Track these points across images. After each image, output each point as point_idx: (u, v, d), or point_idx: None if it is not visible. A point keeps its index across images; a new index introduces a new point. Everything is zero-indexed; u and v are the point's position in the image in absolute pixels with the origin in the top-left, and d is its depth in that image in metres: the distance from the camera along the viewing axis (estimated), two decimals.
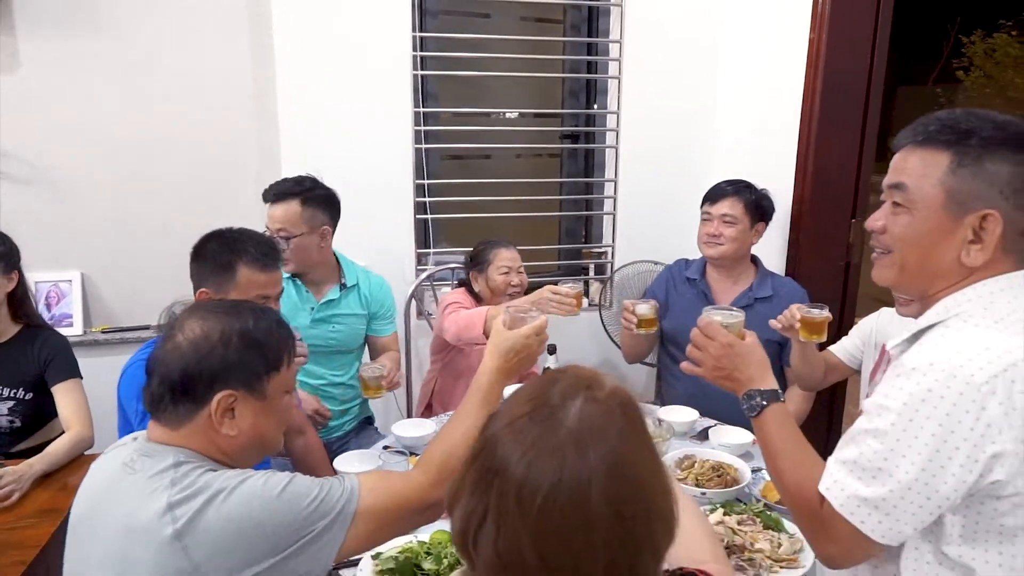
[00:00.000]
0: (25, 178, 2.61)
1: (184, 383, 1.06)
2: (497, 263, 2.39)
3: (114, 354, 2.67)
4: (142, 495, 1.03)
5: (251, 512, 1.00)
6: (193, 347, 1.07)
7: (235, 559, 0.99)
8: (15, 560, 1.44)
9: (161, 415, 1.09)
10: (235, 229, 1.75)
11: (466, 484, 0.74)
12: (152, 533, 0.99)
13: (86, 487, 1.15)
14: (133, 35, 2.60)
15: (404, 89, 2.70)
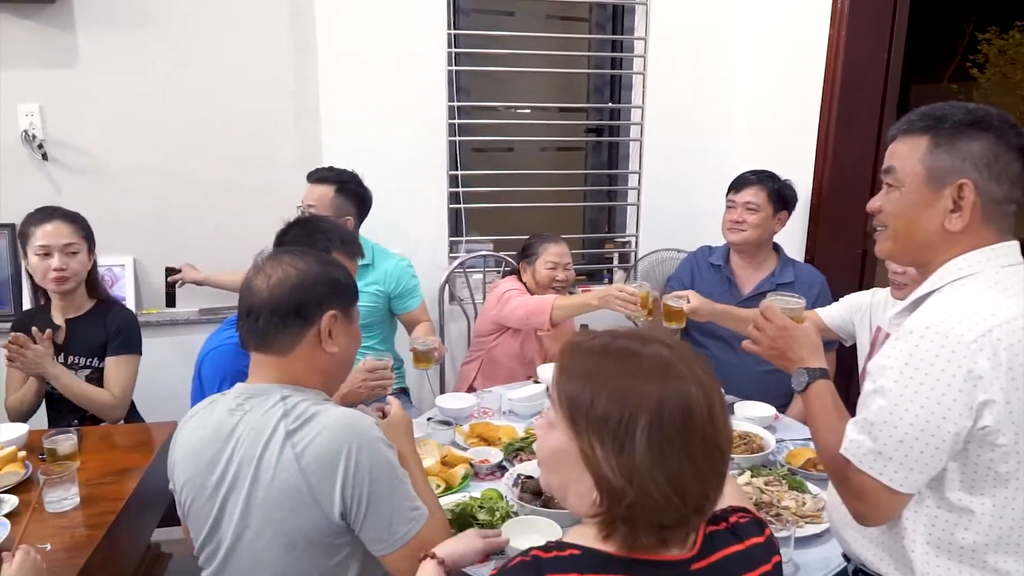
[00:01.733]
0: (82, 168, 2.76)
1: (297, 307, 1.22)
2: (545, 257, 2.51)
3: (163, 335, 2.82)
4: (261, 429, 1.17)
5: (350, 443, 1.16)
6: (300, 277, 1.23)
7: (334, 486, 1.13)
8: (104, 511, 1.58)
9: (271, 345, 1.23)
10: (315, 217, 1.88)
11: None
12: (277, 458, 1.14)
13: (189, 444, 1.26)
14: (181, 32, 2.73)
15: (439, 84, 2.83)
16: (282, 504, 1.15)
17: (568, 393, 0.86)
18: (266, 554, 1.18)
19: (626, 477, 0.80)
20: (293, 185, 2.89)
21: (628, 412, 0.81)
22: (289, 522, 1.16)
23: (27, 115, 2.67)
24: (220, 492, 1.21)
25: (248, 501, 1.18)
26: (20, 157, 2.71)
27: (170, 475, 1.33)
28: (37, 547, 1.42)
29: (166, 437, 1.96)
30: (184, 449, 1.28)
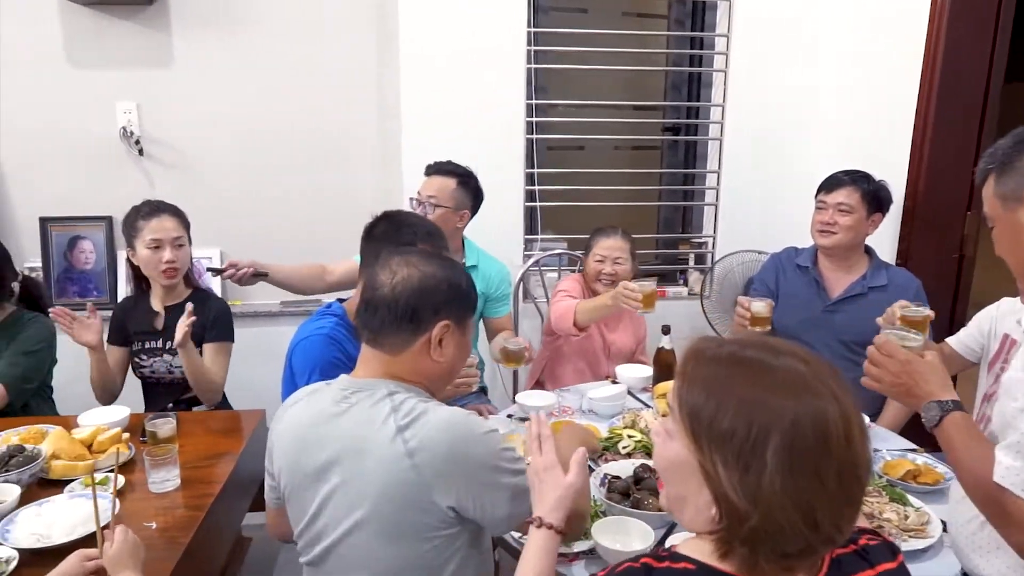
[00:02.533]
0: (174, 163, 2.87)
1: (413, 312, 1.22)
2: (595, 250, 2.48)
3: (246, 326, 2.90)
4: (369, 422, 1.18)
5: (465, 441, 1.16)
6: (422, 281, 1.23)
7: (449, 482, 1.14)
8: (203, 493, 1.64)
9: (384, 343, 1.24)
10: (401, 211, 1.90)
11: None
12: (387, 453, 1.14)
13: (291, 430, 1.28)
14: (270, 33, 2.82)
15: (518, 81, 2.83)
16: (391, 498, 1.15)
17: (690, 403, 0.81)
18: (370, 545, 1.18)
19: (750, 499, 0.75)
20: (373, 182, 2.95)
21: (757, 429, 0.76)
22: (397, 516, 1.16)
23: (125, 112, 2.80)
24: (322, 481, 1.22)
25: (353, 493, 1.18)
26: (118, 152, 2.83)
27: (268, 459, 1.36)
28: (144, 524, 1.49)
29: (255, 424, 2.03)
30: (285, 435, 1.29)
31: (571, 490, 1.12)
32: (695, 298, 3.08)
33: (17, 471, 1.58)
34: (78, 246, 2.89)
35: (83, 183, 2.85)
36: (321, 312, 1.83)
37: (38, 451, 1.66)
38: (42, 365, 2.14)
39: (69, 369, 2.31)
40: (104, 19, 2.73)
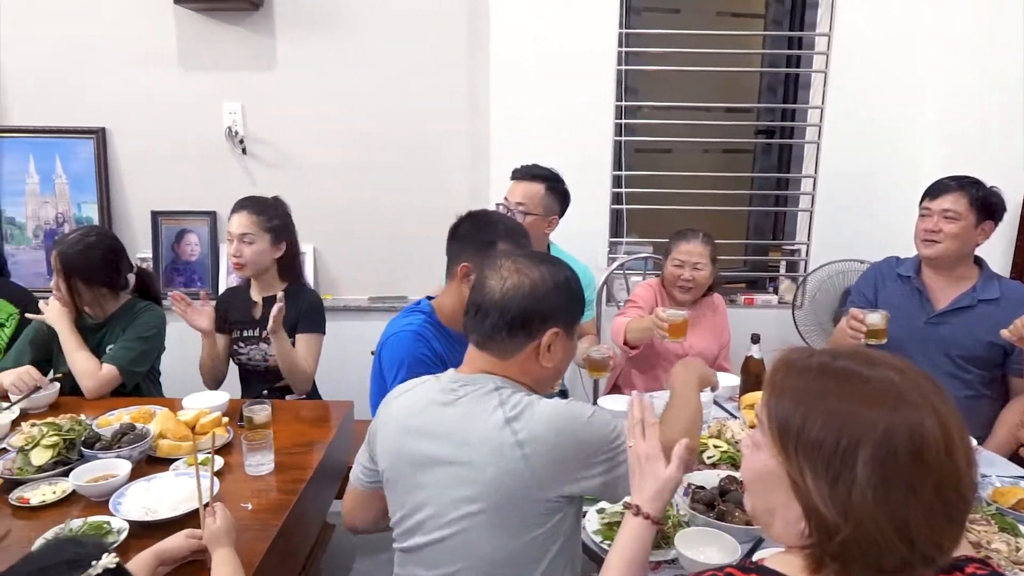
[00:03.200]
0: (273, 161, 3.00)
1: (525, 319, 1.23)
2: (674, 254, 2.40)
3: (335, 319, 2.98)
4: (477, 414, 1.20)
5: (569, 431, 1.18)
6: (532, 289, 1.24)
7: (558, 469, 1.16)
8: (295, 478, 1.70)
9: (493, 347, 1.26)
10: (488, 211, 1.92)
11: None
12: (495, 443, 1.17)
13: (398, 419, 1.30)
14: (365, 35, 2.90)
15: (608, 83, 2.82)
16: (501, 487, 1.17)
17: (779, 414, 0.79)
18: (477, 535, 1.19)
19: (840, 512, 0.73)
20: (461, 182, 3.00)
21: (847, 440, 0.74)
22: (507, 506, 1.18)
23: (231, 113, 2.95)
24: (428, 470, 1.23)
25: (461, 482, 1.19)
26: (223, 151, 2.99)
27: (368, 444, 1.39)
28: (240, 505, 1.56)
29: (343, 415, 2.10)
30: (391, 423, 1.32)
31: (671, 483, 1.11)
32: (786, 307, 2.98)
33: (128, 448, 1.69)
34: (185, 239, 3.07)
35: (190, 180, 3.02)
36: (409, 309, 1.87)
37: (147, 430, 1.77)
38: (153, 351, 2.28)
39: (176, 355, 2.46)
40: (214, 24, 2.88)
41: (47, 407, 2.06)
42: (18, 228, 3.03)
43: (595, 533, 1.49)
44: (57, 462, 1.66)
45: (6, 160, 2.99)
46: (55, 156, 2.99)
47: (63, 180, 3.01)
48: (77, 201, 3.02)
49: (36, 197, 3.02)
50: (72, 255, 2.13)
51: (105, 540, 1.38)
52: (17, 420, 1.93)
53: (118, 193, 3.04)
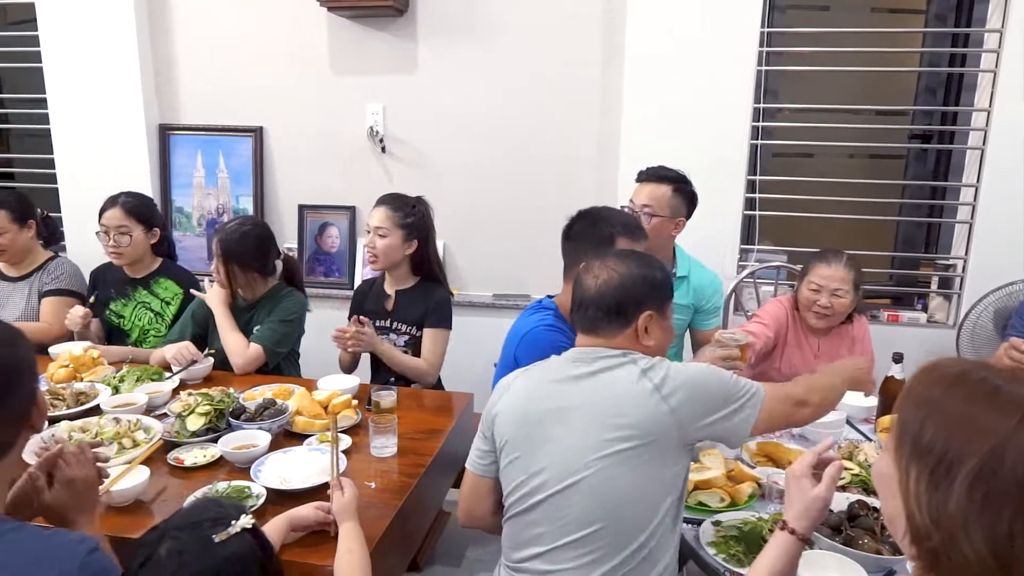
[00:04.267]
0: (411, 160, 3.14)
1: (618, 306, 1.39)
2: (810, 277, 2.21)
3: (460, 315, 3.07)
4: (613, 373, 1.34)
5: (698, 374, 1.35)
6: (621, 280, 1.40)
7: (694, 408, 1.31)
8: (416, 463, 1.78)
9: (599, 332, 1.41)
10: (598, 208, 1.93)
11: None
12: (635, 392, 1.31)
13: (521, 396, 1.42)
14: (502, 38, 2.97)
15: (747, 84, 2.72)
16: (643, 427, 1.28)
17: (903, 417, 0.79)
18: (611, 471, 1.29)
19: (933, 519, 0.71)
20: (588, 183, 3.00)
21: (954, 448, 0.71)
22: (646, 444, 1.29)
23: (373, 114, 3.11)
24: (558, 423, 1.34)
25: (599, 427, 1.30)
26: (364, 150, 3.16)
27: (486, 429, 1.46)
28: (364, 483, 1.65)
29: (463, 406, 2.16)
30: (516, 396, 1.42)
31: (818, 502, 1.13)
32: (935, 326, 2.75)
33: (269, 421, 1.83)
34: (326, 232, 3.27)
35: (334, 176, 3.22)
36: (535, 307, 1.90)
37: (285, 406, 1.91)
38: (294, 333, 2.45)
39: (314, 339, 2.63)
40: (362, 29, 3.06)
41: (202, 379, 2.27)
42: (185, 217, 3.36)
43: (709, 545, 1.45)
44: (208, 429, 1.82)
45: (178, 155, 3.32)
46: (219, 152, 3.29)
47: (224, 174, 3.30)
48: (235, 194, 3.30)
49: (201, 189, 3.34)
50: (230, 241, 2.33)
51: (245, 503, 1.50)
52: (177, 389, 2.14)
53: (270, 187, 3.29)
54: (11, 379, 1.03)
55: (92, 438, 1.74)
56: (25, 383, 1.05)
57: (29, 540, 0.97)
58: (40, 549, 0.96)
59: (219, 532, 0.99)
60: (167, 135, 3.30)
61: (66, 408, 1.96)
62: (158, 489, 1.62)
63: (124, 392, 2.09)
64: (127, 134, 3.24)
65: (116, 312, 2.62)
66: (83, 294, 2.69)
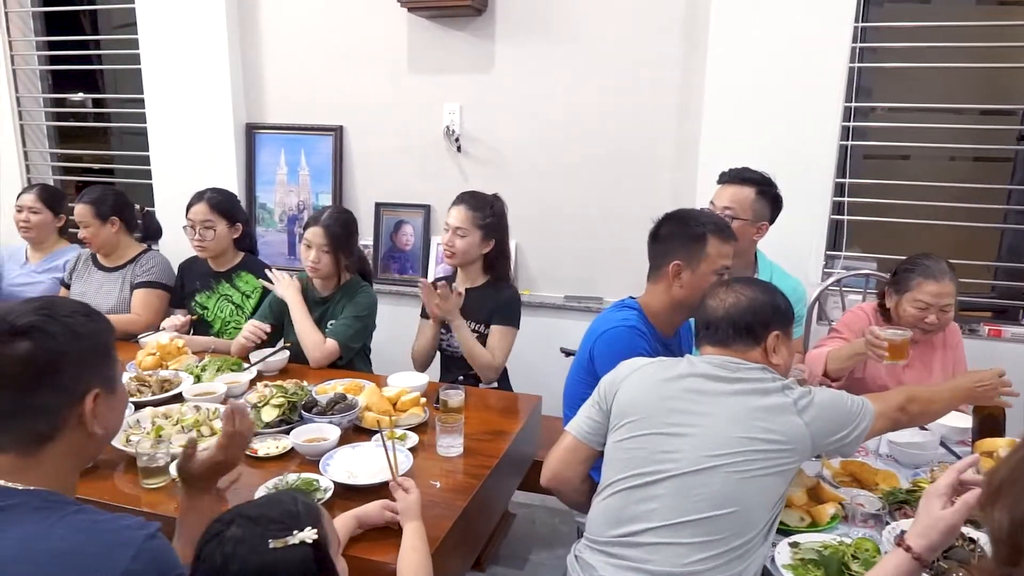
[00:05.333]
0: (486, 159, 3.14)
1: (747, 327, 1.48)
2: (915, 294, 2.05)
3: (532, 315, 3.06)
4: (756, 384, 1.41)
5: (827, 397, 1.45)
6: (750, 303, 1.49)
7: (824, 427, 1.40)
8: (481, 464, 1.77)
9: (730, 347, 1.49)
10: (686, 209, 1.88)
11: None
12: (777, 403, 1.39)
13: (651, 380, 1.48)
14: (581, 38, 2.92)
15: (837, 82, 2.58)
16: (785, 435, 1.36)
17: (1005, 516, 0.74)
18: (741, 468, 1.34)
19: None
20: (664, 186, 2.92)
21: None
22: (781, 453, 1.36)
23: (450, 113, 3.13)
24: (703, 418, 1.39)
25: (742, 428, 1.36)
26: (440, 148, 3.18)
27: (602, 402, 1.53)
28: (430, 482, 1.65)
29: (531, 408, 2.13)
30: (649, 377, 1.49)
31: (940, 523, 1.09)
32: None
33: (339, 416, 1.85)
34: (401, 229, 3.31)
35: (410, 174, 3.25)
36: (618, 305, 1.87)
37: (356, 402, 1.93)
38: (367, 329, 2.49)
39: (386, 335, 2.67)
40: (441, 29, 3.08)
41: (278, 371, 2.33)
42: (268, 213, 3.47)
43: (785, 568, 1.37)
44: (281, 420, 1.87)
45: (262, 153, 3.43)
46: (301, 150, 3.38)
47: (306, 172, 3.39)
48: (316, 191, 3.38)
49: (284, 186, 3.44)
50: (335, 227, 2.40)
51: (313, 496, 1.52)
52: (254, 380, 2.20)
53: (349, 185, 3.36)
54: (57, 367, 1.02)
55: (173, 424, 1.81)
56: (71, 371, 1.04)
57: (89, 523, 0.99)
58: (98, 532, 0.98)
59: (278, 537, 0.98)
60: (253, 134, 3.42)
61: (151, 394, 2.05)
62: (232, 477, 1.65)
63: (205, 381, 2.17)
64: (216, 133, 3.37)
65: (200, 304, 2.73)
66: (171, 286, 2.81)
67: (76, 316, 1.05)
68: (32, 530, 0.96)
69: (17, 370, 0.99)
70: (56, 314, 1.03)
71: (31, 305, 1.04)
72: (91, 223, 2.75)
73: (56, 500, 1.02)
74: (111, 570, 0.94)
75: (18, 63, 3.71)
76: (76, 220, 2.76)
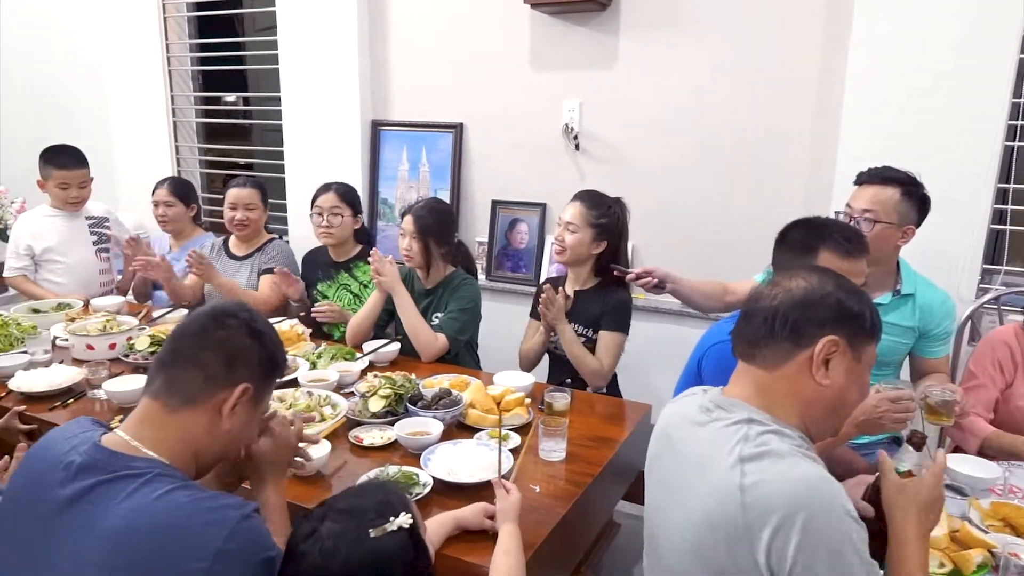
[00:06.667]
0: (605, 159, 3.06)
1: (793, 322, 1.10)
2: None
3: (647, 320, 2.96)
4: (716, 442, 1.11)
5: (811, 506, 0.98)
6: (807, 292, 1.12)
7: (775, 539, 0.98)
8: (584, 471, 1.70)
9: (757, 355, 1.15)
10: (822, 217, 1.74)
11: None
12: (720, 479, 1.05)
13: (661, 429, 1.30)
14: (709, 33, 2.77)
15: (1003, 76, 2.30)
16: (715, 527, 1.05)
17: None
18: (688, 565, 1.11)
19: None
20: (794, 188, 2.73)
21: None
22: (710, 549, 1.06)
23: (569, 111, 3.07)
24: (667, 489, 1.20)
25: (681, 510, 1.13)
26: (558, 147, 3.14)
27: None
28: (530, 486, 1.60)
29: (640, 417, 2.04)
30: (656, 430, 1.32)
31: None
32: None
33: (443, 411, 1.85)
34: (516, 227, 3.30)
35: (527, 172, 3.23)
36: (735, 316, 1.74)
37: (460, 398, 1.92)
38: (472, 322, 2.50)
39: (494, 332, 2.65)
40: (563, 25, 3.03)
41: (388, 363, 2.37)
42: (388, 208, 3.56)
43: None
44: (387, 411, 1.89)
45: (386, 149, 3.53)
46: (422, 147, 3.44)
47: (426, 168, 3.45)
48: (435, 187, 3.43)
49: (404, 182, 3.51)
50: (424, 216, 2.45)
51: (412, 490, 1.52)
52: (365, 370, 2.25)
53: (466, 181, 3.39)
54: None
55: (287, 408, 1.87)
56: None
57: (185, 500, 1.01)
58: (197, 509, 1.01)
59: (376, 526, 1.00)
60: (378, 130, 3.52)
61: None
62: (337, 464, 1.69)
63: (320, 368, 2.23)
64: (344, 129, 3.49)
65: (321, 292, 2.83)
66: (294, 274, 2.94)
67: (271, 327, 1.26)
68: (140, 502, 1.00)
69: (221, 333, 1.16)
70: (260, 317, 1.26)
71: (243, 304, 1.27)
72: (257, 205, 2.94)
73: (170, 473, 1.06)
74: (205, 547, 0.97)
75: (173, 64, 4.02)
76: (238, 202, 2.90)
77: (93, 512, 1.00)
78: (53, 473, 1.05)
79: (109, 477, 1.02)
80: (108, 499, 1.00)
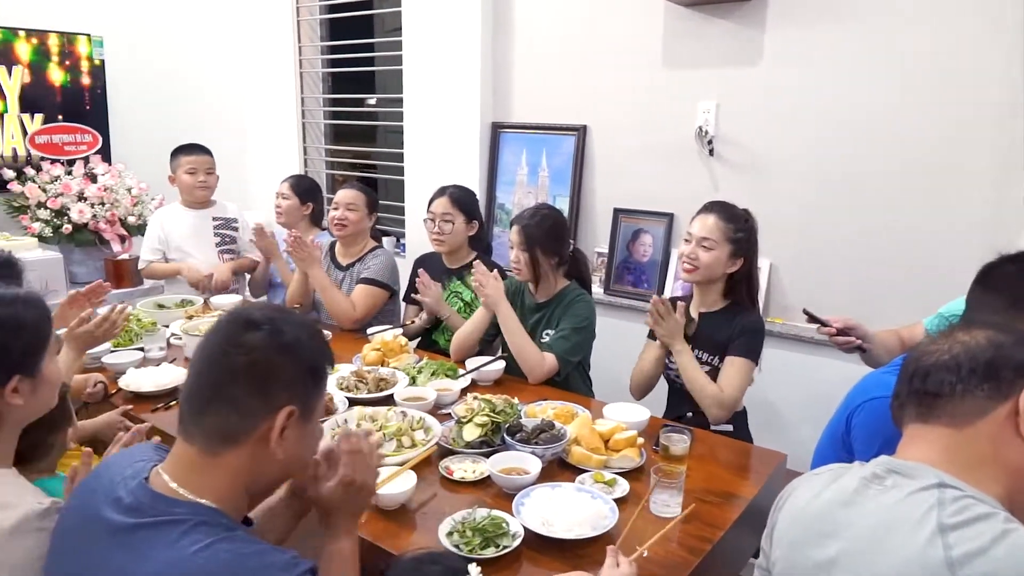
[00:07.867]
0: (743, 165, 2.74)
1: (990, 369, 0.91)
2: None
3: (783, 348, 2.62)
4: (900, 513, 0.90)
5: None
6: (994, 338, 0.93)
7: None
8: (704, 535, 1.44)
9: (937, 411, 0.95)
10: None
11: None
12: (913, 555, 0.85)
13: (800, 505, 1.05)
14: (877, 23, 2.41)
15: None
16: None
17: None
18: None
19: None
20: (979, 203, 2.31)
21: None
22: None
23: (704, 112, 2.79)
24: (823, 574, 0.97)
25: None
26: (690, 152, 2.85)
27: (766, 538, 1.13)
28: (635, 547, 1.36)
29: (772, 469, 1.75)
30: (789, 514, 1.08)
31: None
32: None
33: (543, 446, 1.65)
34: (639, 238, 3.05)
35: (654, 179, 2.97)
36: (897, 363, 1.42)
37: (564, 432, 1.71)
38: (586, 342, 2.29)
39: (609, 352, 2.42)
40: (701, 19, 2.75)
41: (492, 382, 2.21)
42: (505, 213, 3.41)
43: None
44: (482, 441, 1.71)
45: (505, 152, 3.38)
46: (542, 150, 3.27)
47: (545, 173, 3.27)
48: (553, 193, 3.25)
49: (523, 187, 3.35)
50: (531, 226, 2.28)
51: (500, 540, 1.33)
52: (465, 389, 2.09)
53: (587, 188, 3.17)
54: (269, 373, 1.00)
55: (377, 429, 1.74)
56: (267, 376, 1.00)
57: (227, 556, 0.89)
58: (239, 568, 0.88)
59: None
60: (498, 132, 3.38)
61: (367, 392, 2.03)
62: (424, 498, 1.54)
63: (419, 384, 2.10)
64: (464, 131, 3.39)
65: None
66: (390, 286, 2.81)
67: (304, 328, 1.05)
68: (178, 556, 0.88)
69: (242, 359, 0.98)
70: (289, 320, 1.03)
71: (270, 306, 1.11)
72: (359, 208, 2.85)
73: (215, 521, 0.93)
74: None
75: (304, 67, 4.09)
76: (340, 202, 2.82)
77: (133, 558, 0.89)
78: (106, 502, 0.96)
79: (151, 521, 0.91)
80: (147, 547, 0.90)
